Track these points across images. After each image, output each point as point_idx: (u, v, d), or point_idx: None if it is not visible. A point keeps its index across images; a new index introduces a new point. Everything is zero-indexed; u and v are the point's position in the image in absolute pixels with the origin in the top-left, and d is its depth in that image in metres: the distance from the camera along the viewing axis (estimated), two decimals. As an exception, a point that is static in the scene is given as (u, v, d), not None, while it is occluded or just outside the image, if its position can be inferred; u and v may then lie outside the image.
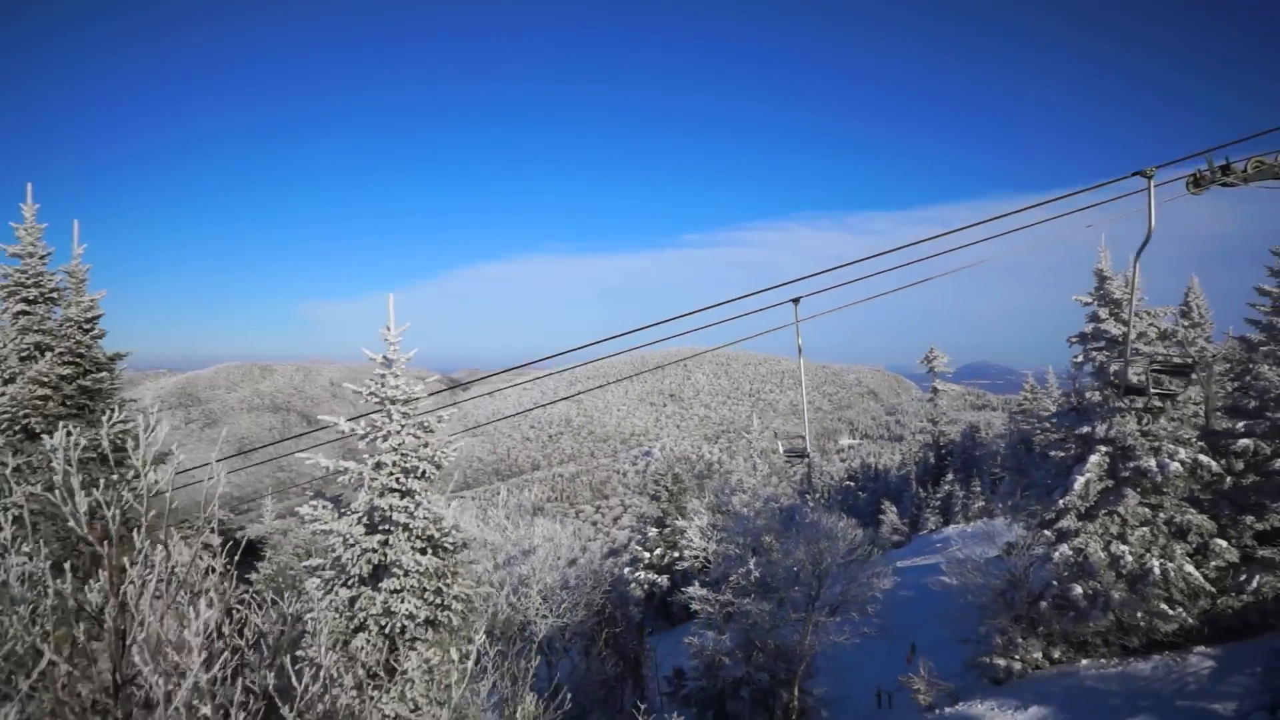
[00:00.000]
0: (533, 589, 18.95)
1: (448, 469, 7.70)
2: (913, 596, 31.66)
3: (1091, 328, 19.06)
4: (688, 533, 24.30)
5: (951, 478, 48.32)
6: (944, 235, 10.42)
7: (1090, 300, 19.20)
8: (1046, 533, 18.65)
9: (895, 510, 49.92)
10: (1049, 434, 20.18)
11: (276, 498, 37.27)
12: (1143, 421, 18.04)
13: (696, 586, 19.74)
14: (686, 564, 24.82)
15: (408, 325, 7.73)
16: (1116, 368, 17.60)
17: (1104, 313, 18.82)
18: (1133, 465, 17.73)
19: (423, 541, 7.54)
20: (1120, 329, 18.43)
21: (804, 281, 10.51)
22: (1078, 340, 19.40)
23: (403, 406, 7.68)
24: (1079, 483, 18.07)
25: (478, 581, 7.84)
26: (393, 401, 7.70)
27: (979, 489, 44.87)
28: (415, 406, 7.63)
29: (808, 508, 22.40)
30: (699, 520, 23.39)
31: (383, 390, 7.80)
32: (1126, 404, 17.38)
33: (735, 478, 32.49)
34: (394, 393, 7.76)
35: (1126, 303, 18.34)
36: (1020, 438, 29.35)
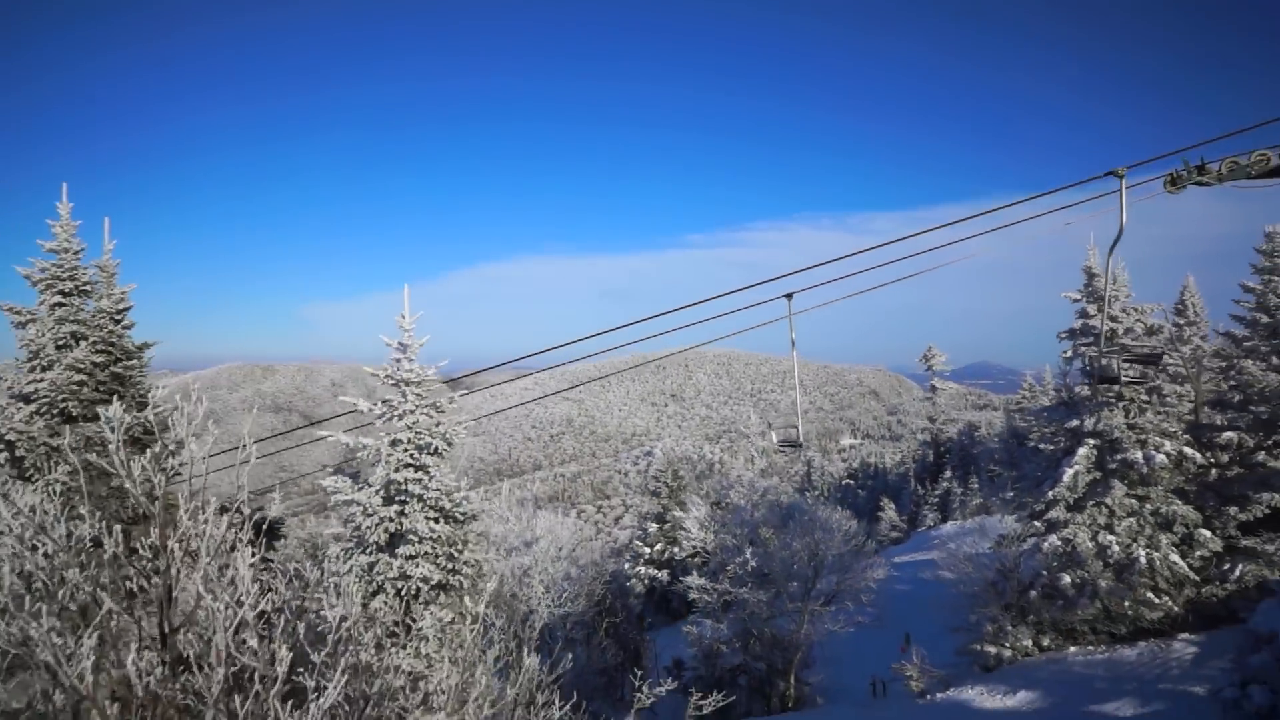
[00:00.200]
0: (535, 579, 19.43)
1: (458, 445, 8.25)
2: (909, 590, 32.14)
3: (1080, 323, 19.53)
4: (686, 523, 24.79)
5: (950, 475, 48.74)
6: (928, 232, 10.93)
7: (1079, 297, 19.66)
8: (1036, 523, 19.11)
9: (894, 507, 50.38)
10: (1040, 428, 20.63)
11: (280, 495, 37.77)
12: (1130, 415, 18.49)
13: (695, 576, 20.22)
14: (685, 554, 25.28)
15: (421, 314, 8.31)
16: (1091, 356, 18.18)
17: (1092, 309, 19.28)
18: (1120, 457, 18.18)
19: (435, 512, 8.07)
20: (1108, 324, 18.90)
21: (797, 277, 11.00)
22: (1067, 336, 19.86)
23: (416, 388, 8.21)
24: (1068, 475, 18.53)
25: (480, 560, 8.31)
26: (407, 383, 8.24)
27: (977, 486, 45.29)
28: (428, 388, 8.19)
29: (805, 502, 22.88)
30: (697, 511, 23.87)
31: (398, 373, 8.33)
32: (1102, 391, 17.87)
33: (735, 474, 32.98)
34: (409, 375, 8.30)
35: (1105, 296, 18.83)
36: (1013, 433, 29.80)
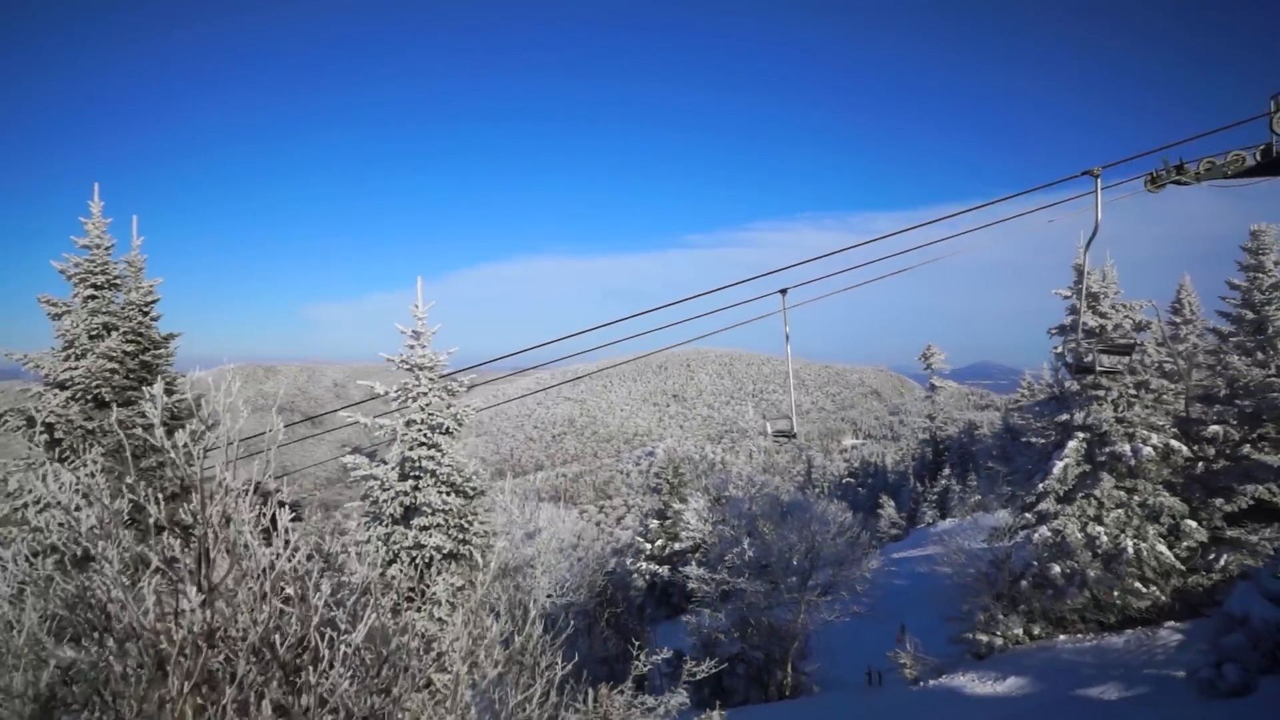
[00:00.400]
0: (537, 569, 19.89)
1: (468, 425, 8.77)
2: (907, 585, 32.62)
3: (1070, 320, 19.96)
4: (685, 515, 25.27)
5: (948, 473, 49.13)
6: (915, 228, 11.48)
7: (1069, 294, 20.11)
8: (1027, 515, 19.55)
9: (893, 505, 50.77)
10: (1032, 422, 21.08)
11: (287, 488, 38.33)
12: (1118, 409, 18.93)
13: (694, 566, 20.69)
14: (684, 546, 25.75)
15: (433, 303, 8.83)
16: (1069, 347, 18.78)
17: (1082, 305, 19.71)
18: (1108, 450, 18.62)
19: (447, 486, 8.59)
20: (1098, 320, 19.37)
21: (791, 273, 11.50)
22: (1058, 332, 20.31)
23: (429, 372, 8.74)
24: (1058, 467, 18.98)
25: (490, 531, 8.78)
26: (421, 368, 8.77)
27: (975, 483, 45.69)
28: (440, 372, 8.72)
29: (802, 496, 23.35)
30: (696, 504, 24.35)
31: (412, 358, 8.85)
32: (1080, 379, 18.38)
33: (735, 470, 33.45)
34: (422, 361, 8.82)
35: (1083, 291, 19.39)
36: (1007, 428, 30.26)
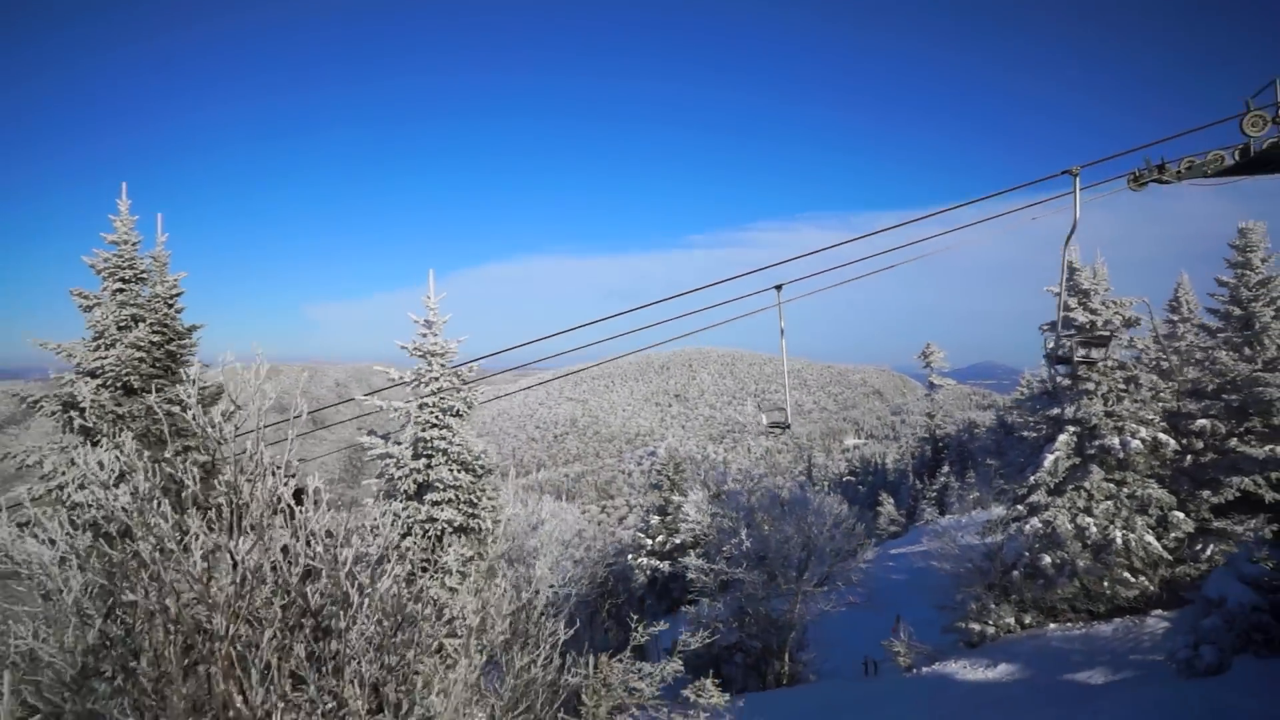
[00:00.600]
0: (540, 560, 20.37)
1: (476, 408, 9.28)
2: (904, 580, 33.14)
3: (1062, 316, 20.38)
4: (685, 508, 25.76)
5: (947, 470, 49.54)
6: (903, 225, 12.02)
7: (1060, 291, 20.53)
8: (1019, 507, 19.99)
9: (893, 502, 51.21)
10: (1025, 417, 21.52)
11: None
12: (1108, 403, 19.37)
13: (693, 556, 21.17)
14: (684, 537, 26.22)
15: (445, 294, 9.33)
16: (1050, 343, 19.28)
17: (1073, 301, 20.17)
18: (1098, 443, 19.06)
19: (458, 464, 9.09)
20: (1088, 316, 19.81)
21: (787, 270, 12.02)
22: (1049, 328, 20.73)
23: (441, 359, 9.24)
24: (1049, 460, 19.42)
25: (497, 506, 9.31)
26: (433, 354, 9.28)
27: (974, 481, 46.09)
28: (451, 359, 9.23)
29: (798, 490, 23.82)
30: (695, 496, 24.84)
31: (426, 344, 9.37)
32: (1058, 372, 18.84)
33: (735, 466, 33.93)
34: (434, 348, 9.33)
35: (1060, 286, 19.88)
36: (1001, 423, 30.72)
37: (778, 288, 14.40)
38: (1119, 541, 18.37)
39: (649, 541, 37.15)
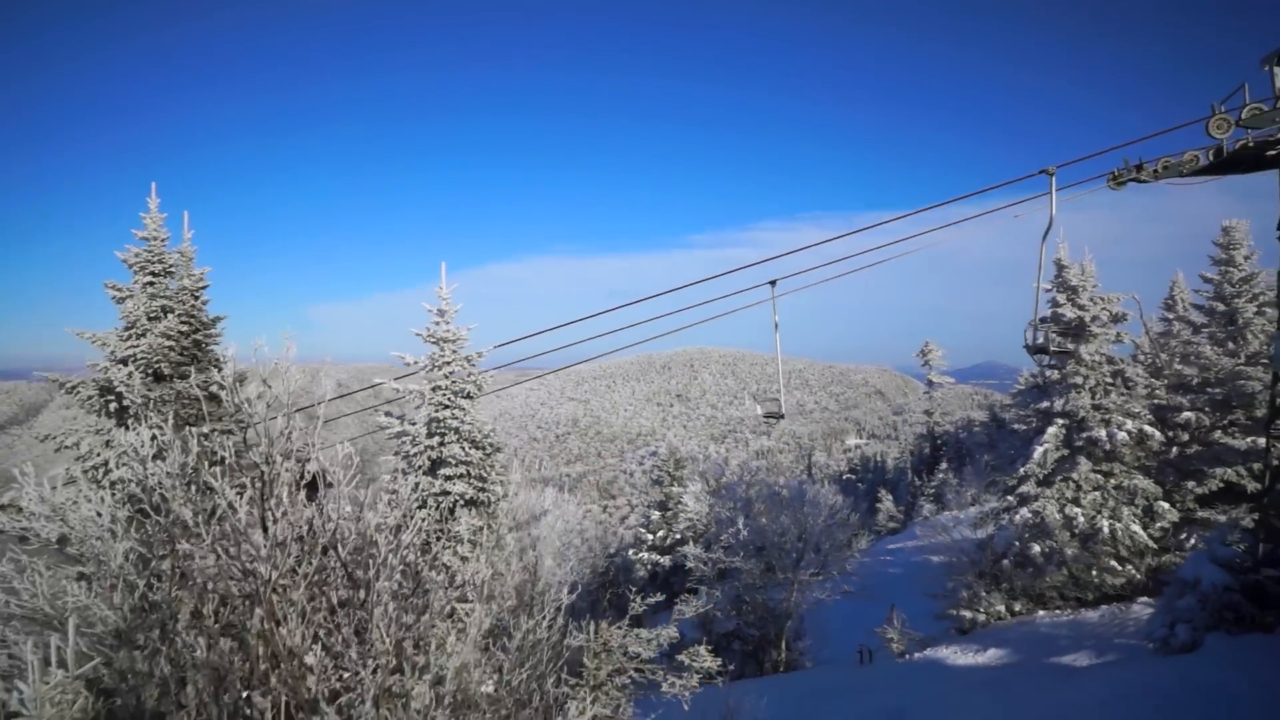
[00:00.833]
0: (543, 551, 20.94)
1: (486, 390, 9.89)
2: (901, 573, 33.67)
3: (1051, 311, 20.92)
4: (684, 498, 26.34)
5: (945, 467, 50.01)
6: (893, 221, 12.66)
7: (1050, 287, 21.07)
8: (1010, 498, 20.53)
9: (891, 499, 51.69)
10: (1016, 410, 22.06)
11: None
12: (1095, 396, 19.90)
13: (692, 545, 21.72)
14: (683, 527, 26.78)
15: (456, 286, 9.98)
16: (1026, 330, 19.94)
17: (1061, 298, 20.69)
18: (1086, 435, 19.58)
19: (468, 442, 9.70)
20: (1076, 312, 20.35)
21: (782, 266, 12.60)
22: (1047, 326, 21.27)
23: (453, 345, 9.86)
24: (1038, 452, 19.96)
25: (505, 481, 9.94)
26: (445, 340, 9.90)
27: (971, 477, 46.57)
28: (463, 345, 9.86)
29: (796, 484, 24.37)
30: (694, 487, 25.41)
31: (438, 331, 9.99)
32: (1038, 362, 19.42)
33: (735, 462, 34.48)
34: (446, 334, 9.95)
35: (1037, 282, 20.48)
36: (994, 418, 31.27)
37: (771, 283, 15.03)
38: (1106, 531, 18.90)
39: (650, 536, 37.69)
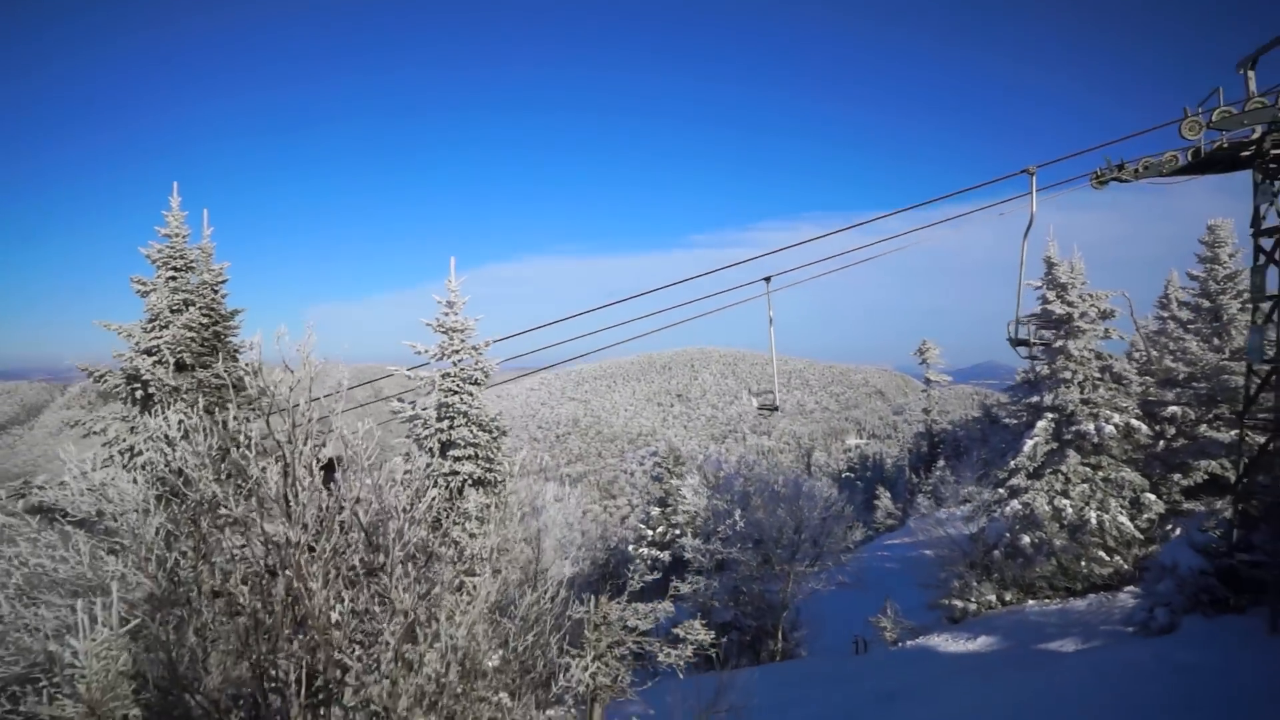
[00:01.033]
0: (545, 542, 21.44)
1: (493, 375, 10.41)
2: (896, 568, 34.21)
3: (1041, 308, 21.40)
4: (682, 490, 26.84)
5: (943, 464, 50.43)
6: (887, 216, 13.22)
7: (1040, 284, 21.55)
8: (1001, 490, 21.01)
9: (889, 496, 52.15)
10: (1007, 405, 22.54)
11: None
12: (1084, 391, 20.37)
13: (690, 536, 22.21)
14: (681, 519, 27.29)
15: (465, 278, 10.52)
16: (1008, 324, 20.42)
17: (1051, 295, 21.17)
18: (1074, 429, 20.06)
19: (476, 425, 10.22)
20: (1065, 309, 20.83)
21: (775, 262, 13.14)
22: (1028, 320, 21.73)
23: (461, 334, 10.40)
24: (1028, 445, 20.44)
25: (511, 462, 10.49)
26: (454, 330, 10.43)
27: (968, 474, 46.99)
28: (470, 334, 10.40)
29: (793, 477, 24.86)
30: (692, 480, 25.91)
31: (448, 321, 10.53)
32: (1025, 354, 19.87)
33: (734, 458, 34.96)
34: (455, 324, 10.50)
35: (1019, 278, 20.98)
36: (986, 412, 31.74)
37: (766, 279, 15.60)
38: (1094, 522, 19.38)
39: (649, 532, 38.24)
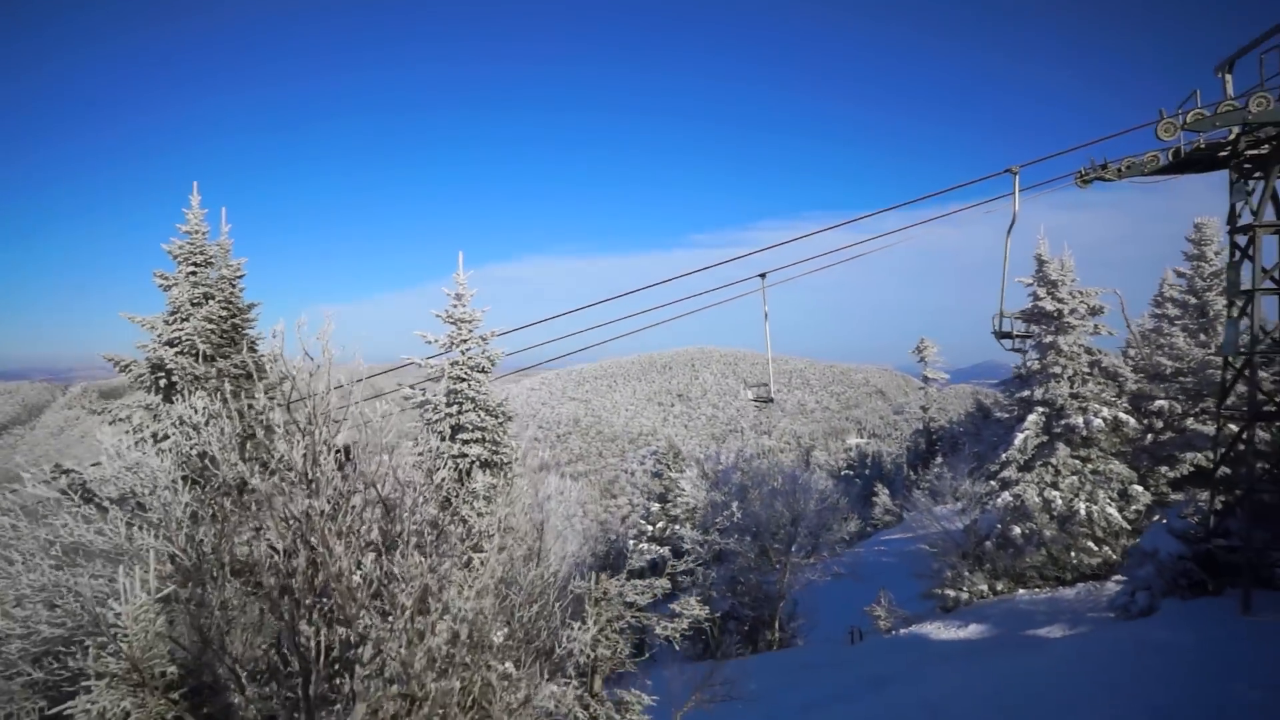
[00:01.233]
0: (546, 534, 21.92)
1: (499, 364, 10.93)
2: (893, 562, 34.68)
3: (1032, 305, 21.87)
4: (681, 483, 27.32)
5: (940, 461, 50.88)
6: (877, 214, 13.72)
7: (1031, 281, 22.01)
8: (992, 483, 21.48)
9: (887, 493, 52.60)
10: (1000, 400, 23.01)
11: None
12: (1073, 385, 20.84)
13: (688, 528, 22.69)
14: (680, 511, 27.75)
15: (472, 272, 11.03)
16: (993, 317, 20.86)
17: (1041, 291, 21.63)
18: (1064, 423, 20.53)
19: (484, 410, 10.73)
20: (1055, 305, 21.30)
21: (770, 259, 13.63)
22: (1019, 316, 22.20)
23: (469, 325, 10.91)
24: (1019, 439, 20.90)
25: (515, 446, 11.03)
26: (462, 321, 10.95)
27: (963, 468, 47.44)
28: (478, 324, 10.91)
29: (790, 472, 25.33)
30: (690, 473, 26.40)
31: (456, 313, 11.06)
32: (1009, 346, 20.34)
33: (731, 452, 35.43)
34: (463, 315, 11.02)
35: (1004, 274, 21.39)
36: (979, 407, 32.22)
37: (762, 276, 16.10)
38: (1083, 513, 19.84)
39: (649, 528, 38.74)
